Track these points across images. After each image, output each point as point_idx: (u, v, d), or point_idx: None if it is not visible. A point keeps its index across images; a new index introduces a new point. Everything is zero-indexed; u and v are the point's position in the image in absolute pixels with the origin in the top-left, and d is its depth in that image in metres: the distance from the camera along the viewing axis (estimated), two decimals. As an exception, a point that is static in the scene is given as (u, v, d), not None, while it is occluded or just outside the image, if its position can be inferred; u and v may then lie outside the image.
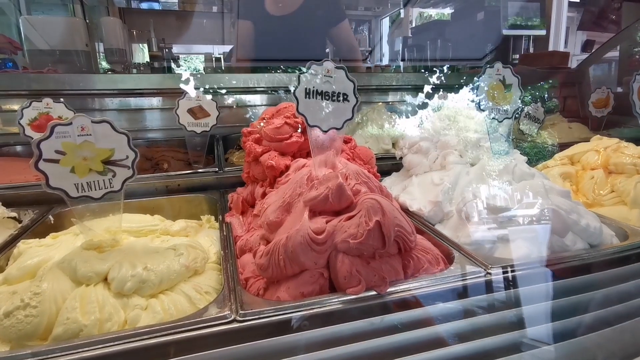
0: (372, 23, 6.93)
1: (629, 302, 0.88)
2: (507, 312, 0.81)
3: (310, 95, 0.93)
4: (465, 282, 0.80)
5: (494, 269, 0.83)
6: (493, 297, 0.81)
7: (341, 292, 0.76)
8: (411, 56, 5.20)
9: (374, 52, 6.77)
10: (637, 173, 1.14)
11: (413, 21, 6.61)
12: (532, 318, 0.81)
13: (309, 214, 0.84)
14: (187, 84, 1.47)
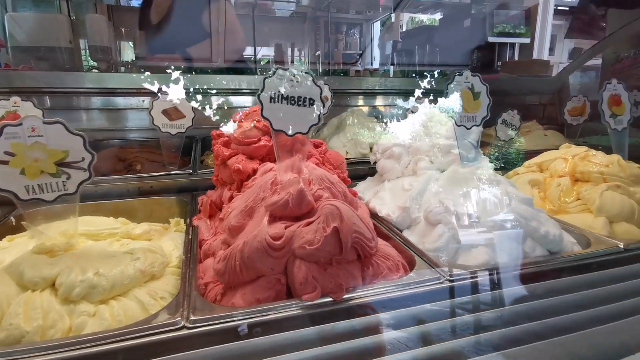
0: (363, 26, 6.96)
1: (586, 311, 0.89)
2: (464, 317, 0.81)
3: (275, 100, 0.93)
4: (422, 289, 0.81)
5: (453, 276, 0.84)
6: (450, 303, 0.82)
7: (298, 299, 0.75)
8: (400, 60, 5.24)
9: (364, 55, 6.81)
10: (604, 181, 1.16)
11: (403, 25, 6.67)
12: (489, 324, 0.82)
13: (269, 219, 0.83)
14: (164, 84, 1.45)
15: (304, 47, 6.73)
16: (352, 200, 0.94)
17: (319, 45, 6.58)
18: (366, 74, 3.96)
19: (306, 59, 6.70)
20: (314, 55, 6.71)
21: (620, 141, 1.24)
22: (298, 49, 6.63)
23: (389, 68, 5.59)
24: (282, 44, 6.15)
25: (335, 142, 1.74)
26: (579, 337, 0.82)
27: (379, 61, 6.68)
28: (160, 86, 1.42)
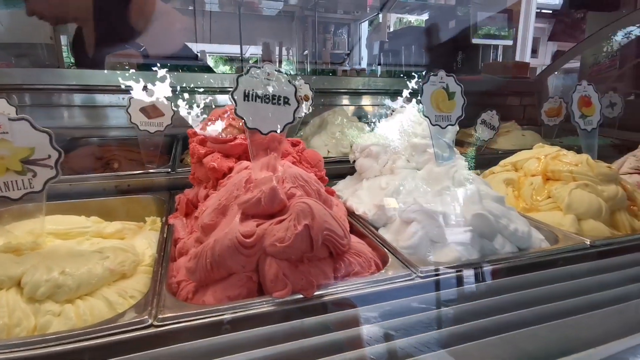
0: (351, 26, 6.99)
1: (554, 304, 0.92)
2: (433, 312, 0.83)
3: (249, 98, 0.93)
4: (393, 285, 0.82)
5: (424, 273, 0.85)
6: (421, 299, 0.83)
7: (269, 296, 0.76)
8: (387, 60, 5.28)
9: (352, 55, 6.83)
10: (573, 180, 1.20)
11: (391, 26, 6.72)
12: (458, 319, 0.83)
13: (242, 217, 0.84)
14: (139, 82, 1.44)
15: (292, 46, 6.73)
16: (326, 198, 0.95)
17: (307, 45, 6.59)
18: (353, 74, 3.98)
19: (294, 58, 6.71)
20: (302, 54, 6.72)
21: (590, 141, 1.27)
22: (286, 48, 6.63)
23: (376, 68, 5.63)
24: (270, 43, 6.14)
25: (317, 141, 1.75)
26: (538, 331, 0.84)
27: (367, 61, 6.72)
28: (139, 84, 1.41)
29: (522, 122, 2.56)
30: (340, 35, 7.04)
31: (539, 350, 0.89)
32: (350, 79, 2.55)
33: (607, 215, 1.11)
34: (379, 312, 0.80)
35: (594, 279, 0.97)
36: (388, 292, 0.82)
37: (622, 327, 0.94)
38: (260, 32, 6.20)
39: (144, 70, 1.67)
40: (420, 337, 0.81)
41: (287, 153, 1.14)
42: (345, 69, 4.98)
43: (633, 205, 1.17)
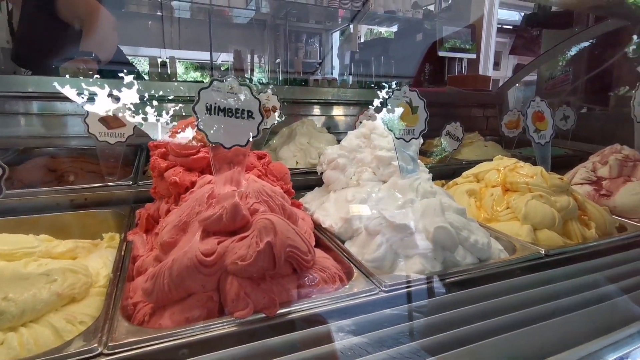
0: (323, 36, 7.07)
1: (511, 314, 0.95)
2: (398, 326, 0.83)
3: (211, 112, 0.91)
4: (357, 301, 0.82)
5: (387, 286, 0.86)
6: (384, 314, 0.84)
7: (230, 316, 0.74)
8: (358, 71, 5.36)
9: (324, 64, 6.90)
10: (529, 191, 1.25)
11: (361, 36, 6.86)
12: (422, 332, 0.84)
13: (203, 234, 0.81)
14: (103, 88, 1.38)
15: (264, 54, 6.71)
16: (291, 213, 0.94)
17: (279, 53, 6.59)
18: (324, 83, 4.02)
19: (266, 66, 6.68)
20: (274, 62, 6.71)
21: (544, 154, 1.34)
22: (258, 56, 6.60)
23: (347, 78, 5.71)
24: (242, 51, 6.10)
25: (286, 152, 1.74)
26: (497, 342, 0.86)
27: (339, 70, 6.80)
28: (99, 92, 1.35)
29: (486, 132, 2.67)
30: (312, 44, 7.09)
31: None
32: (320, 90, 2.57)
33: (560, 225, 1.17)
34: (343, 328, 0.80)
35: (549, 287, 1.01)
36: (352, 308, 0.81)
37: (576, 336, 0.99)
38: (232, 39, 6.15)
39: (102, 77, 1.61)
40: (386, 352, 0.81)
41: (253, 166, 1.12)
42: (317, 78, 5.02)
43: (583, 215, 1.24)
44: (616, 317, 0.98)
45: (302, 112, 2.41)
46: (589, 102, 2.65)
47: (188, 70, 6.65)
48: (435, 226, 0.96)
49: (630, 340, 0.88)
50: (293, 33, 6.52)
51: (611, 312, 0.99)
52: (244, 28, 6.31)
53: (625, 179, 1.44)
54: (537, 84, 3.25)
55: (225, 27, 6.01)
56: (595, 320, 1.00)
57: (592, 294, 1.03)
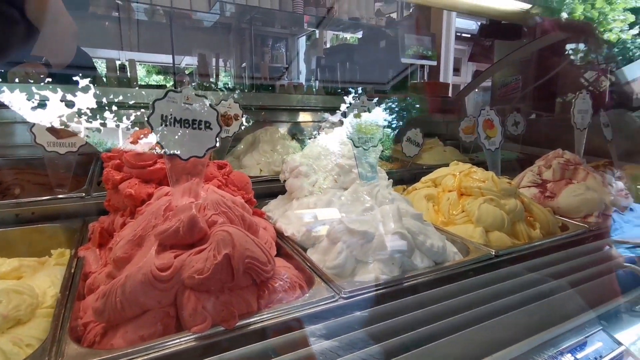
0: (289, 41, 7.08)
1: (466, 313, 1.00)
2: (358, 332, 0.85)
3: (167, 123, 0.89)
4: (316, 308, 0.83)
5: (347, 293, 0.88)
6: (344, 321, 0.85)
7: (187, 331, 0.72)
8: (324, 76, 5.42)
9: (290, 69, 6.91)
10: (481, 195, 1.32)
11: (327, 42, 6.94)
12: (379, 337, 0.87)
13: (159, 249, 0.79)
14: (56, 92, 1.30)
15: (229, 58, 6.62)
16: (251, 223, 0.94)
17: (244, 57, 6.53)
18: (290, 88, 4.03)
19: (232, 70, 6.60)
20: (239, 67, 6.63)
21: (494, 160, 1.42)
22: (223, 60, 6.50)
23: (313, 83, 5.75)
24: (207, 54, 5.98)
25: (249, 160, 1.73)
26: (453, 341, 0.90)
27: (305, 76, 6.83)
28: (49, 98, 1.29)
29: (446, 137, 2.79)
30: (278, 49, 7.08)
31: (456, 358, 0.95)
32: (286, 96, 2.58)
33: (509, 227, 1.25)
34: (304, 336, 0.81)
35: (499, 286, 1.07)
36: (312, 316, 0.83)
37: (523, 331, 1.05)
38: (196, 42, 6.02)
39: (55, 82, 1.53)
40: (345, 358, 0.83)
41: (212, 176, 1.11)
42: (283, 83, 5.03)
43: (529, 216, 1.33)
44: (559, 311, 1.05)
45: (268, 118, 2.41)
46: (537, 108, 2.84)
47: (150, 73, 6.44)
48: (393, 232, 0.99)
49: (575, 332, 0.95)
50: (259, 37, 6.49)
51: (554, 307, 1.06)
52: (208, 31, 6.21)
53: (567, 181, 1.55)
54: (492, 91, 3.44)
55: (189, 30, 5.88)
56: (541, 315, 1.07)
57: (537, 290, 1.10)
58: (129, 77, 3.98)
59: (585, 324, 0.93)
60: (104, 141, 1.71)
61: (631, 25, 2.82)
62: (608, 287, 1.23)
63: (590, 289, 1.11)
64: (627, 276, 1.29)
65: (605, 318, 0.97)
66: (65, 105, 1.33)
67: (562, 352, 0.80)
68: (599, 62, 2.80)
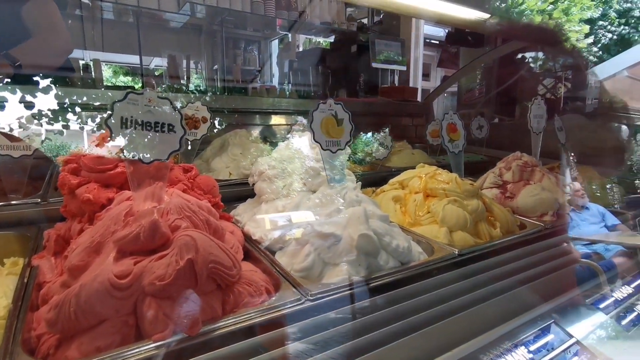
0: (262, 44, 7.04)
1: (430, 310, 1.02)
2: (325, 334, 0.86)
3: (128, 126, 0.87)
4: (282, 312, 0.83)
5: (313, 295, 0.88)
6: (311, 323, 0.86)
7: (148, 340, 0.70)
8: (296, 79, 5.44)
9: (263, 72, 6.87)
10: (446, 196, 1.37)
11: (300, 45, 6.96)
12: (346, 338, 0.88)
13: (117, 255, 0.77)
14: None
15: (200, 60, 6.51)
16: (216, 227, 0.92)
17: (216, 60, 6.43)
18: (263, 91, 4.01)
19: (203, 72, 6.48)
20: (211, 69, 6.53)
21: (458, 162, 1.48)
22: (194, 62, 6.38)
23: (285, 87, 5.75)
24: (177, 56, 5.85)
25: (218, 163, 1.71)
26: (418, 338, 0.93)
27: (278, 79, 6.81)
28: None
29: (415, 140, 2.86)
30: (250, 52, 7.03)
31: (419, 354, 0.97)
32: (258, 99, 2.56)
33: (471, 226, 1.30)
34: (270, 340, 0.80)
35: (462, 283, 1.11)
36: (278, 319, 0.83)
37: (486, 325, 1.09)
38: (166, 43, 5.87)
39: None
40: (314, 358, 0.83)
41: (177, 180, 1.09)
42: (256, 87, 4.99)
43: (490, 216, 1.39)
44: (516, 306, 1.10)
45: (240, 121, 2.38)
46: (499, 113, 2.97)
47: (117, 74, 6.22)
48: (359, 234, 1.01)
49: (529, 325, 1.00)
50: (231, 40, 6.41)
51: (513, 302, 1.11)
52: (178, 32, 6.07)
53: (525, 182, 1.63)
54: (458, 95, 3.57)
55: (158, 30, 5.73)
56: (500, 310, 1.11)
57: (498, 286, 1.15)
58: (93, 78, 3.82)
59: (539, 317, 0.98)
60: (67, 144, 1.64)
61: (586, 35, 3.01)
62: (562, 282, 1.30)
63: (546, 284, 1.17)
64: (585, 271, 1.38)
65: (558, 311, 1.03)
66: (25, 107, 1.27)
67: (516, 344, 0.84)
68: (555, 70, 2.98)
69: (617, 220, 1.87)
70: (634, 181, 2.64)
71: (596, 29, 3.15)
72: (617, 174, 2.11)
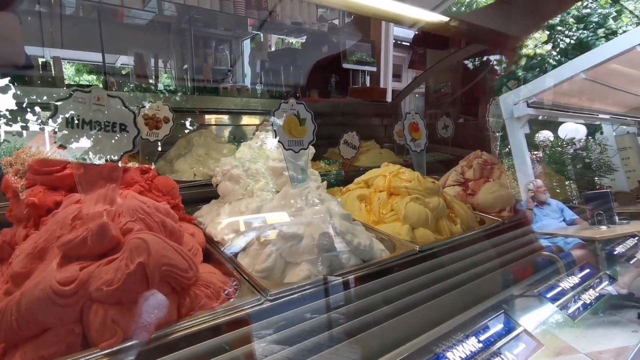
0: (233, 43, 6.94)
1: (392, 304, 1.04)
2: (283, 333, 0.86)
3: (75, 125, 0.84)
4: (240, 313, 0.82)
5: (273, 295, 0.88)
6: (271, 322, 0.85)
7: (95, 348, 0.68)
8: (268, 80, 5.40)
9: (235, 72, 6.78)
10: (408, 194, 1.40)
11: (272, 45, 6.91)
12: (306, 335, 0.88)
13: (62, 261, 0.74)
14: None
15: (169, 59, 6.34)
16: (173, 230, 0.90)
17: (186, 59, 6.28)
18: (234, 91, 3.94)
19: (173, 72, 6.32)
20: (181, 68, 6.37)
21: (420, 160, 1.52)
22: (163, 61, 6.20)
23: (260, 86, 5.69)
24: (144, 54, 5.67)
25: (182, 164, 1.67)
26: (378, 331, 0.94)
27: (250, 79, 6.74)
28: None
29: (384, 140, 2.90)
30: (222, 51, 6.91)
31: (377, 347, 0.99)
32: (228, 99, 2.52)
33: (432, 223, 1.33)
34: (227, 341, 0.79)
35: (422, 278, 1.13)
36: (237, 320, 0.82)
37: (443, 317, 1.12)
38: (132, 41, 5.67)
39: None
40: (273, 357, 0.83)
41: (134, 182, 1.05)
42: (227, 86, 4.91)
43: (451, 213, 1.43)
44: (472, 298, 1.14)
45: (210, 122, 2.34)
46: (464, 113, 3.07)
47: (81, 72, 5.96)
48: (320, 232, 1.01)
49: (481, 316, 1.03)
50: (201, 39, 6.28)
51: (469, 295, 1.15)
52: (145, 30, 5.88)
53: (485, 179, 1.70)
54: (426, 96, 3.66)
55: (124, 27, 5.53)
56: (457, 302, 1.15)
57: (456, 279, 1.18)
58: (53, 76, 3.63)
59: (490, 308, 1.02)
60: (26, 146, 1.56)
61: (545, 41, 3.15)
62: (518, 274, 1.36)
63: (501, 277, 1.22)
64: (545, 263, 1.45)
65: (508, 302, 1.07)
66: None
67: (467, 335, 0.87)
68: (516, 71, 3.10)
69: (575, 215, 1.98)
70: (593, 178, 2.79)
71: (554, 35, 3.31)
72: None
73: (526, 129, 2.40)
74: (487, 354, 0.84)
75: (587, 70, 2.47)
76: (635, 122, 3.61)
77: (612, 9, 3.18)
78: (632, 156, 3.21)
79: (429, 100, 3.52)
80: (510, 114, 2.30)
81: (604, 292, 1.32)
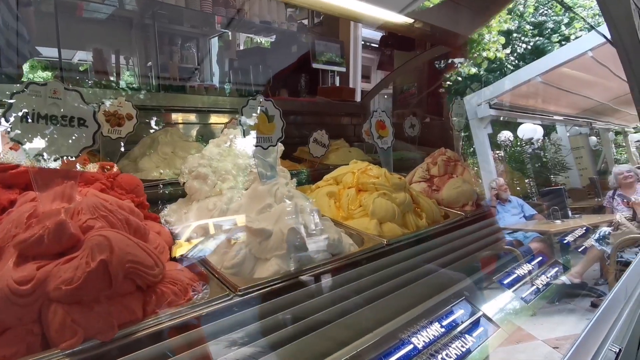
0: (200, 41, 6.79)
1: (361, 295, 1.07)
2: (255, 326, 0.86)
3: (31, 119, 0.80)
4: (209, 309, 0.82)
5: (242, 291, 0.88)
6: (241, 317, 0.85)
7: (55, 348, 0.65)
8: (237, 78, 5.33)
9: (203, 70, 6.63)
10: (375, 190, 1.43)
11: (241, 44, 6.82)
12: (277, 328, 0.88)
13: (18, 260, 0.70)
14: None
15: (132, 56, 6.10)
16: (137, 227, 0.88)
17: (150, 56, 6.07)
18: (201, 90, 3.86)
19: (136, 69, 6.09)
20: (145, 66, 6.15)
21: (387, 157, 1.56)
22: (125, 57, 5.97)
23: (226, 85, 5.60)
24: (104, 50, 5.42)
25: (147, 163, 1.62)
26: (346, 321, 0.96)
27: (219, 78, 6.62)
28: None
29: (353, 139, 2.95)
30: (188, 49, 6.74)
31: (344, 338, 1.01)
32: (195, 97, 2.47)
33: (399, 218, 1.38)
34: (196, 337, 0.79)
35: (388, 270, 1.17)
36: (206, 316, 0.81)
37: (408, 306, 1.16)
38: (91, 36, 5.41)
39: None
40: (242, 350, 0.83)
41: (94, 179, 1.01)
42: (194, 85, 4.80)
43: (417, 208, 1.48)
44: (436, 287, 1.19)
45: (176, 120, 2.28)
46: (430, 112, 3.18)
47: (35, 68, 5.61)
48: (289, 228, 1.02)
49: (444, 303, 1.08)
50: (166, 35, 6.08)
51: (434, 284, 1.20)
52: (105, 25, 5.62)
53: (449, 176, 1.77)
54: (393, 96, 3.76)
55: (82, 21, 5.26)
56: (422, 292, 1.19)
57: (422, 270, 1.23)
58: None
59: (453, 295, 1.08)
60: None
61: (504, 46, 3.33)
62: (480, 264, 1.43)
63: (463, 267, 1.28)
64: (506, 255, 1.53)
65: (470, 289, 1.13)
66: None
67: (431, 321, 0.91)
68: (479, 73, 3.25)
69: (534, 210, 2.11)
70: (549, 176, 2.98)
71: (512, 40, 3.49)
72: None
73: (489, 129, 2.53)
74: (448, 337, 0.88)
75: (542, 74, 2.63)
76: (587, 123, 3.89)
77: (564, 17, 3.39)
78: (584, 155, 3.45)
79: (397, 100, 3.62)
80: (474, 115, 2.42)
81: (556, 279, 1.43)
